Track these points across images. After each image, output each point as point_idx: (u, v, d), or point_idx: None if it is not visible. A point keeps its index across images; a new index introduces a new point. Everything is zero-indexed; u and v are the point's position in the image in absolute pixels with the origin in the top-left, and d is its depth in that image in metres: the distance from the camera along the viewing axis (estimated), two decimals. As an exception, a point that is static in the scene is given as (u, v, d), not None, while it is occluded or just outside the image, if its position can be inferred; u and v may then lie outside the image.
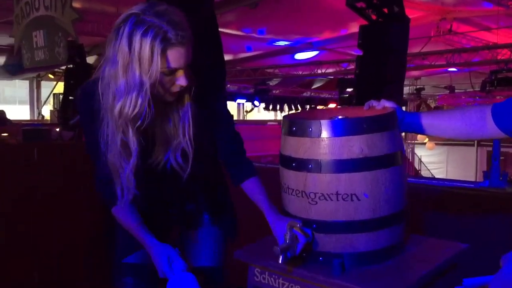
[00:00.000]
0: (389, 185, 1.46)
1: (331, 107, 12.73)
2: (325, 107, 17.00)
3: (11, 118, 11.89)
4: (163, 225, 1.85)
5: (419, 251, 1.62)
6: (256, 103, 17.22)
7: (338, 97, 12.55)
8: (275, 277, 1.60)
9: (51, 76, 15.70)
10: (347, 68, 12.82)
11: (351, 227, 1.47)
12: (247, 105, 19.70)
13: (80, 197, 3.45)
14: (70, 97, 8.72)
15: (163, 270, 1.54)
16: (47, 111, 16.25)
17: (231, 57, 13.03)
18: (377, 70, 4.98)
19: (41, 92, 17.48)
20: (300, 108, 17.31)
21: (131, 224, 1.63)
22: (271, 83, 17.10)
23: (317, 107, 16.66)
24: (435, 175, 16.79)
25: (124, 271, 1.78)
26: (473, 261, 1.63)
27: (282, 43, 12.36)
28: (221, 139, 1.69)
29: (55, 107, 14.10)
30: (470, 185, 2.59)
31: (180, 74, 1.41)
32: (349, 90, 10.79)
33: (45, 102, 17.04)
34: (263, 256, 1.62)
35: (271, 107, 17.69)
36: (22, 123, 11.58)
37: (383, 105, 1.62)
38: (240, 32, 10.93)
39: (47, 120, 14.91)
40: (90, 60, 10.19)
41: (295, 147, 1.51)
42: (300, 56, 13.67)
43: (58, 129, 6.52)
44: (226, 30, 9.78)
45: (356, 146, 1.43)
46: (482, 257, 1.72)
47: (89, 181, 1.76)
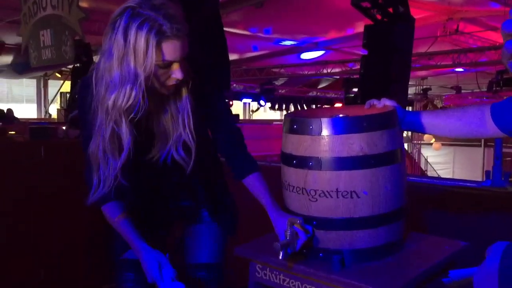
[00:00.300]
0: (389, 183, 1.48)
1: (332, 106, 12.73)
2: (332, 106, 16.98)
3: (19, 116, 12.00)
4: (163, 220, 1.87)
5: (418, 249, 1.63)
6: (262, 102, 17.23)
7: (344, 97, 12.55)
8: (276, 273, 1.62)
9: (58, 75, 15.81)
10: (353, 68, 12.81)
11: (351, 224, 1.48)
12: (253, 105, 19.73)
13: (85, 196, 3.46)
14: (76, 96, 8.77)
15: (152, 276, 1.53)
16: (54, 110, 16.35)
17: (237, 56, 13.07)
18: (382, 69, 4.99)
19: (48, 90, 17.61)
20: (306, 107, 17.31)
21: (121, 225, 1.61)
22: (277, 83, 17.12)
23: (323, 107, 16.65)
24: (442, 176, 16.74)
25: (125, 266, 1.79)
26: (474, 259, 1.64)
27: (288, 43, 12.39)
28: (220, 133, 1.71)
29: (62, 105, 14.21)
30: (472, 184, 2.59)
31: (175, 67, 1.42)
32: (355, 90, 10.78)
33: (52, 100, 17.15)
34: (264, 252, 1.63)
35: (277, 106, 17.69)
36: (29, 121, 11.68)
37: (384, 103, 1.63)
38: (246, 31, 10.97)
39: (54, 118, 15.00)
40: (96, 59, 10.23)
41: (296, 144, 1.53)
42: (306, 55, 13.69)
43: (64, 127, 6.56)
44: (232, 29, 9.81)
45: (356, 144, 1.45)
46: (483, 255, 1.73)
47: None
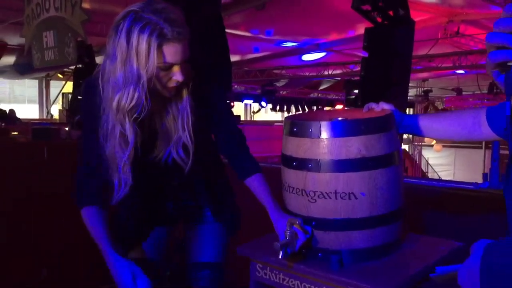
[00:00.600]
0: (386, 184, 1.51)
1: (331, 109, 12.75)
2: (332, 108, 17.01)
3: (21, 117, 12.04)
4: (166, 220, 1.90)
5: (415, 249, 1.66)
6: (263, 103, 17.28)
7: (345, 98, 12.58)
8: (276, 273, 1.65)
9: (60, 75, 15.86)
10: (354, 69, 12.84)
11: (349, 224, 1.52)
12: (254, 106, 19.77)
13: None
14: (79, 97, 8.81)
15: (127, 287, 1.52)
16: (56, 110, 16.40)
17: (238, 57, 13.11)
18: (383, 72, 5.03)
19: (50, 91, 17.67)
20: (307, 109, 17.35)
21: (97, 231, 1.61)
22: (278, 84, 17.16)
23: (324, 108, 16.68)
24: (442, 178, 16.73)
25: None
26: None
27: (289, 44, 12.42)
28: (221, 133, 1.74)
29: (64, 106, 14.25)
30: (470, 186, 2.62)
31: (176, 69, 1.47)
32: (355, 91, 10.79)
33: (54, 101, 17.20)
34: (265, 252, 1.67)
35: (278, 108, 17.74)
36: (31, 122, 11.73)
37: (382, 107, 1.67)
38: (247, 33, 11.00)
39: (56, 119, 15.06)
40: (99, 60, 10.26)
41: (295, 147, 1.57)
42: (307, 57, 13.73)
43: (67, 128, 6.61)
44: (234, 31, 9.85)
45: (354, 146, 1.48)
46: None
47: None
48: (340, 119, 1.55)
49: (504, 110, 0.78)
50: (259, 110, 19.33)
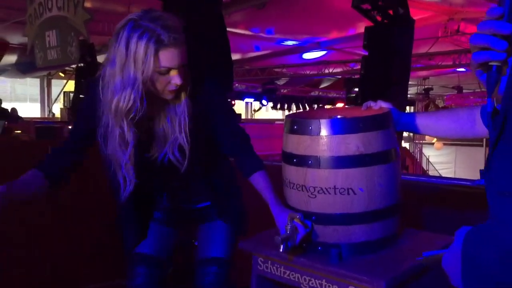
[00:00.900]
0: (383, 180, 1.56)
1: (331, 107, 12.79)
2: (333, 106, 17.05)
3: (22, 115, 12.09)
4: (167, 220, 1.96)
5: (412, 243, 1.71)
6: (264, 102, 17.32)
7: (345, 96, 12.61)
8: (277, 266, 1.70)
9: (61, 74, 15.91)
10: (355, 68, 12.87)
11: (348, 219, 1.57)
12: (255, 104, 19.80)
13: (89, 195, 3.52)
14: (80, 95, 8.86)
15: None
16: (57, 109, 16.45)
17: (239, 56, 13.13)
18: (383, 72, 5.07)
19: (51, 90, 17.71)
20: (307, 107, 17.39)
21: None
22: (279, 83, 17.19)
23: (325, 107, 16.72)
24: (443, 175, 16.74)
25: (136, 260, 1.88)
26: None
27: (290, 43, 12.44)
28: (223, 133, 1.79)
29: (66, 105, 14.29)
30: (467, 182, 2.66)
31: (174, 73, 1.54)
32: (356, 89, 10.83)
33: (56, 100, 17.25)
34: (266, 246, 1.72)
35: (279, 106, 17.77)
36: (33, 120, 11.76)
37: (380, 105, 1.72)
38: (248, 31, 11.03)
39: (57, 117, 15.08)
40: (100, 59, 10.29)
41: (296, 144, 1.62)
42: (308, 55, 13.74)
43: (70, 127, 6.64)
44: (234, 29, 9.88)
45: (352, 143, 1.53)
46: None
47: (95, 179, 1.84)
48: (339, 117, 1.61)
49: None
50: (260, 108, 19.38)
